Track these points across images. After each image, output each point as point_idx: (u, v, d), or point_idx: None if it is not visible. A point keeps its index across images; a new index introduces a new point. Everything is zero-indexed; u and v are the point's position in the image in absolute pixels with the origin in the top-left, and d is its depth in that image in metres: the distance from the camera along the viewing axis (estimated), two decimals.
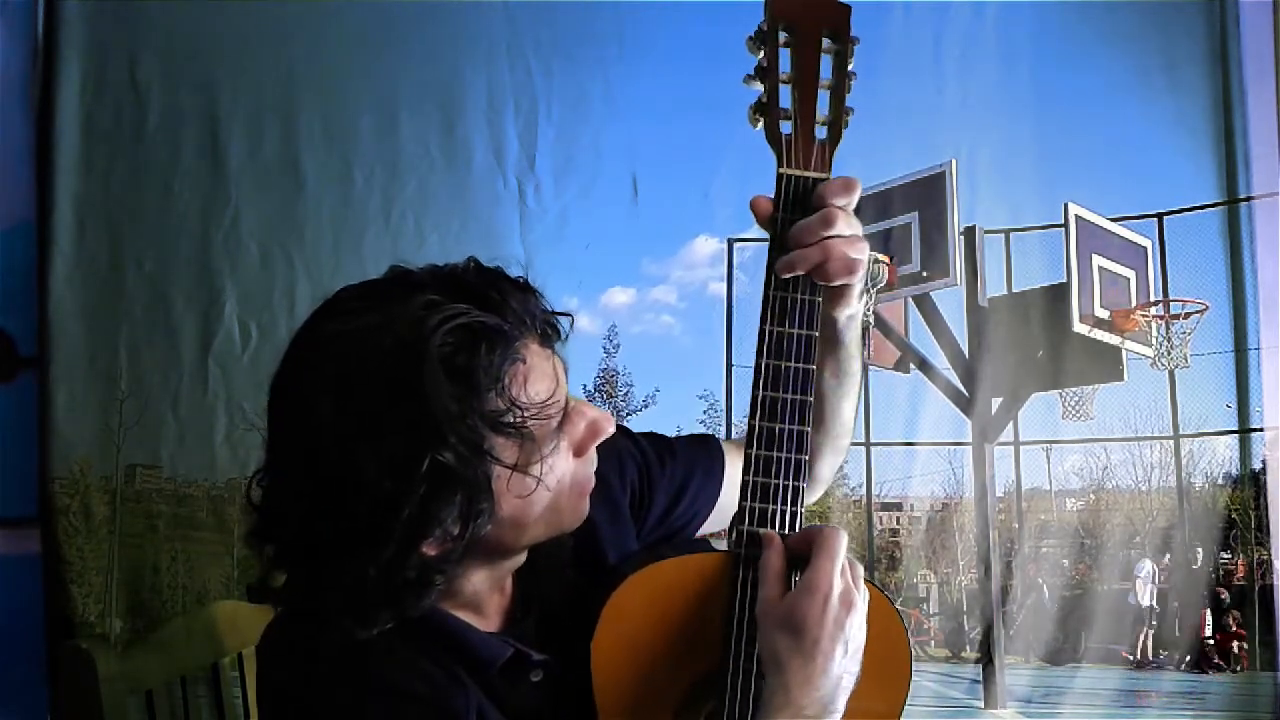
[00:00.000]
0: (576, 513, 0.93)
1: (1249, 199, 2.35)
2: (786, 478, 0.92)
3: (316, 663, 0.87)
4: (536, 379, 0.85)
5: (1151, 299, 2.51)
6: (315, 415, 0.81)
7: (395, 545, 0.81)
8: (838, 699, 0.87)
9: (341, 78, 2.33)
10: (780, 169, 0.94)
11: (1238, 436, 2.39)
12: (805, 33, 0.96)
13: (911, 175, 2.48)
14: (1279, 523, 2.32)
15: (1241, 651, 2.41)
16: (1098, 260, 2.52)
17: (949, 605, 2.56)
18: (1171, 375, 2.49)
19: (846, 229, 0.91)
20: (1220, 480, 2.44)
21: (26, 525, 2.20)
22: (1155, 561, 2.47)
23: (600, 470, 0.95)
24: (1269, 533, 2.34)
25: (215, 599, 2.08)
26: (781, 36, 0.96)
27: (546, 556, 0.96)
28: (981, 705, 2.40)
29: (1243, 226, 2.36)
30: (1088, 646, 2.43)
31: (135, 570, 2.27)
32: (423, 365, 0.79)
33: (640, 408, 2.43)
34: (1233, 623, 2.42)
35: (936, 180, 2.46)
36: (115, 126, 2.28)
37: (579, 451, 0.91)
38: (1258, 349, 2.34)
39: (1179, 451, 2.46)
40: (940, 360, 2.51)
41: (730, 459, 1.13)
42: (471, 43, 2.35)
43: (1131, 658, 2.45)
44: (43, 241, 2.23)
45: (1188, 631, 2.44)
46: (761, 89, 0.97)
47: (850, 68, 0.97)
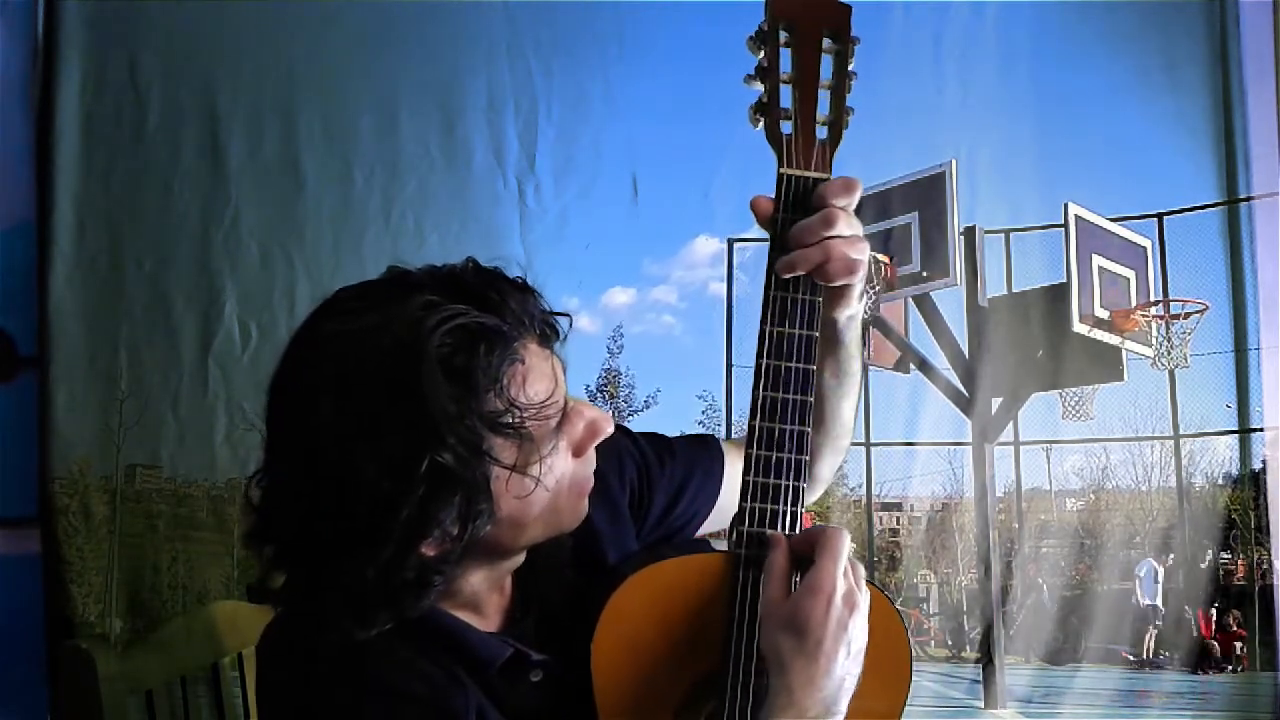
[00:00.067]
0: (575, 513, 0.93)
1: (1249, 199, 2.35)
2: (787, 478, 0.92)
3: (315, 663, 0.87)
4: (535, 379, 0.85)
5: (1151, 299, 2.51)
6: (314, 416, 0.81)
7: (394, 546, 0.81)
8: (840, 700, 0.87)
9: (341, 78, 2.33)
10: (781, 169, 0.94)
11: (1238, 436, 2.39)
12: (806, 33, 0.96)
13: (911, 175, 2.48)
14: (1279, 523, 2.32)
15: (1241, 652, 2.41)
16: (1098, 260, 2.52)
17: (949, 605, 2.56)
18: (1171, 375, 2.49)
19: (847, 229, 0.91)
20: (1220, 480, 2.44)
21: (26, 525, 2.20)
22: (1159, 562, 2.47)
23: (600, 470, 0.94)
24: (1269, 533, 2.34)
25: (215, 599, 2.08)
26: (782, 36, 0.96)
27: (546, 556, 0.96)
28: (981, 705, 2.40)
29: (1243, 226, 2.36)
30: (1088, 646, 2.43)
31: (135, 570, 2.26)
32: (421, 366, 0.79)
33: (641, 408, 2.43)
34: (1233, 623, 2.42)
35: (936, 180, 2.46)
36: (115, 126, 2.28)
37: (578, 452, 0.91)
38: (1258, 349, 2.34)
39: (1179, 451, 2.46)
40: (940, 360, 2.51)
41: (730, 459, 1.13)
42: (471, 43, 2.35)
43: (1132, 658, 2.45)
44: (43, 241, 2.23)
45: (1188, 631, 2.44)
46: (762, 89, 0.97)
47: (851, 67, 0.97)
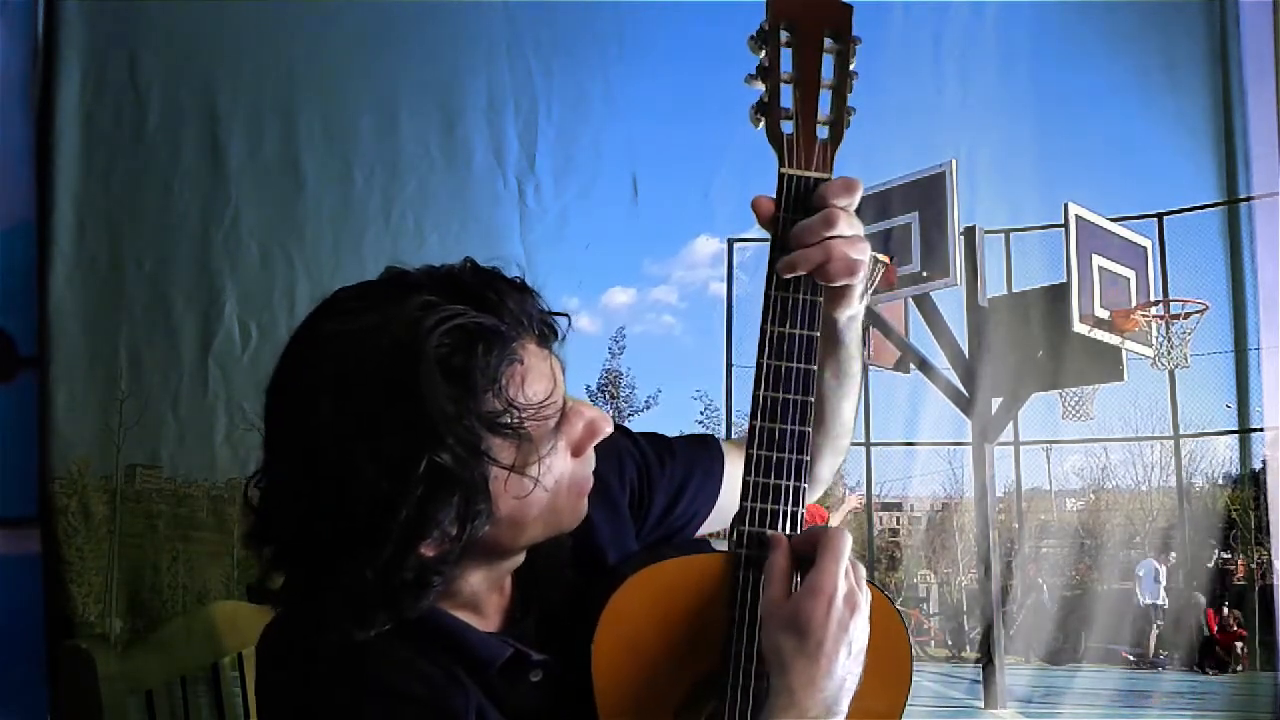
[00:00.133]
0: (575, 513, 0.93)
1: (1249, 199, 2.35)
2: (787, 478, 0.92)
3: (315, 663, 0.87)
4: (534, 379, 0.85)
5: (1151, 299, 2.51)
6: (313, 416, 0.80)
7: (393, 546, 0.81)
8: (841, 700, 0.87)
9: (341, 78, 2.33)
10: (782, 169, 0.94)
11: (1238, 436, 2.39)
12: (807, 32, 0.96)
13: (911, 175, 2.48)
14: (1279, 523, 2.32)
15: (1242, 652, 2.40)
16: (1098, 260, 2.52)
17: (949, 605, 2.56)
18: (1171, 375, 2.49)
19: (848, 229, 0.91)
20: (1220, 480, 2.44)
21: (26, 525, 2.20)
22: (1161, 561, 2.47)
23: (599, 470, 0.94)
24: (1269, 533, 2.34)
25: (215, 599, 2.08)
26: (783, 36, 0.96)
27: (546, 556, 0.96)
28: (981, 705, 2.40)
29: (1243, 226, 2.36)
30: (1088, 646, 2.43)
31: (135, 570, 2.26)
32: (419, 366, 0.79)
33: (642, 408, 2.43)
34: (1233, 622, 2.42)
35: (936, 180, 2.46)
36: (115, 126, 2.28)
37: (577, 452, 0.91)
38: (1258, 349, 2.34)
39: (1179, 451, 2.46)
40: (940, 360, 2.51)
41: (730, 459, 1.13)
42: (471, 43, 2.35)
43: (1133, 658, 2.45)
44: (43, 241, 2.23)
45: (1188, 632, 2.44)
46: (763, 88, 0.96)
47: (852, 67, 0.97)
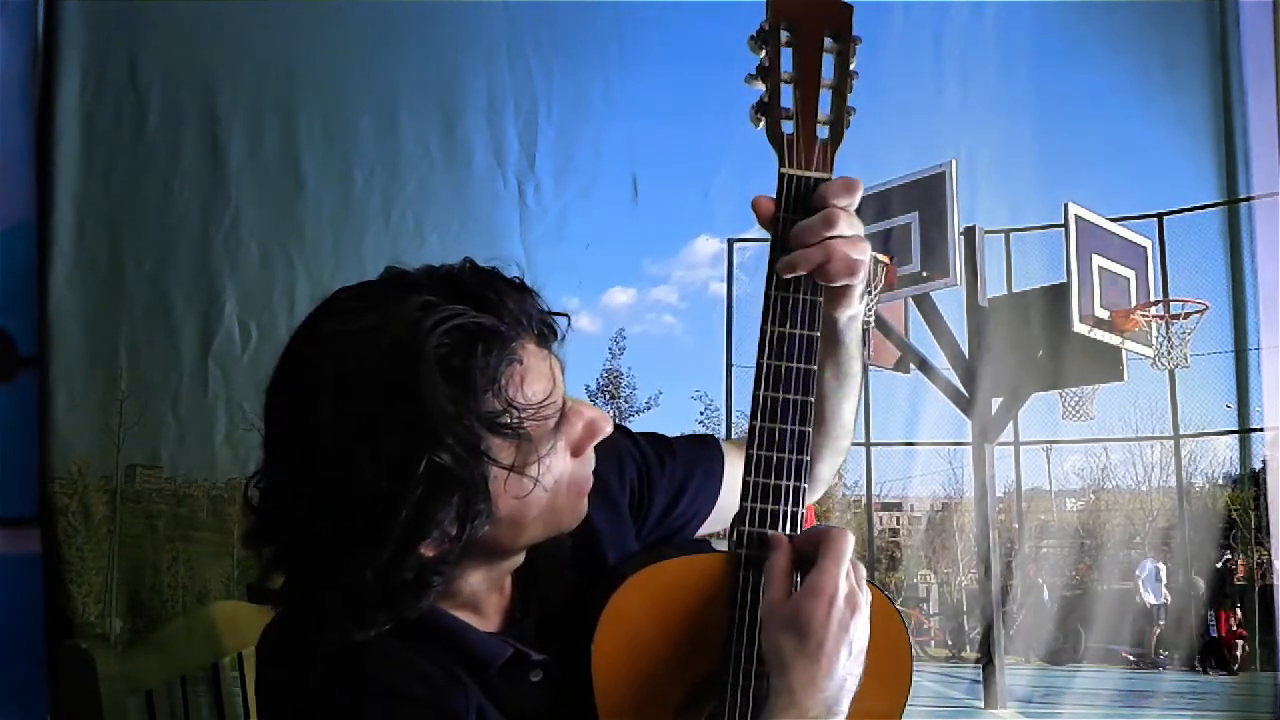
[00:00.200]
0: (575, 513, 0.93)
1: (1249, 199, 2.35)
2: (787, 478, 0.92)
3: (314, 664, 0.87)
4: (533, 379, 0.85)
5: (1151, 299, 2.52)
6: (313, 416, 0.80)
7: (393, 546, 0.81)
8: (841, 701, 0.87)
9: (341, 78, 2.33)
10: (782, 169, 0.94)
11: (1238, 436, 2.39)
12: (807, 32, 0.96)
13: (911, 175, 2.48)
14: (1279, 523, 2.32)
15: (1242, 652, 2.41)
16: (1098, 260, 2.52)
17: (949, 605, 2.56)
18: (1171, 375, 2.49)
19: (848, 229, 0.91)
20: (1220, 480, 2.44)
21: (26, 525, 2.20)
22: (1162, 561, 2.47)
23: (599, 470, 0.94)
24: (1269, 533, 2.34)
25: (215, 599, 2.08)
26: (783, 36, 0.96)
27: (546, 556, 0.95)
28: (981, 705, 2.40)
29: (1243, 226, 2.36)
30: (1088, 646, 2.43)
31: (135, 570, 2.26)
32: (419, 366, 0.79)
33: (644, 408, 2.43)
34: (1233, 623, 2.42)
35: (936, 180, 2.46)
36: (115, 126, 2.28)
37: (576, 452, 0.91)
38: (1258, 349, 2.34)
39: (1179, 451, 2.46)
40: (940, 360, 2.51)
41: (730, 459, 1.13)
42: (471, 43, 2.35)
43: (1133, 658, 2.45)
44: (43, 241, 2.23)
45: (1188, 631, 2.44)
46: (763, 88, 0.96)
47: (852, 67, 0.97)
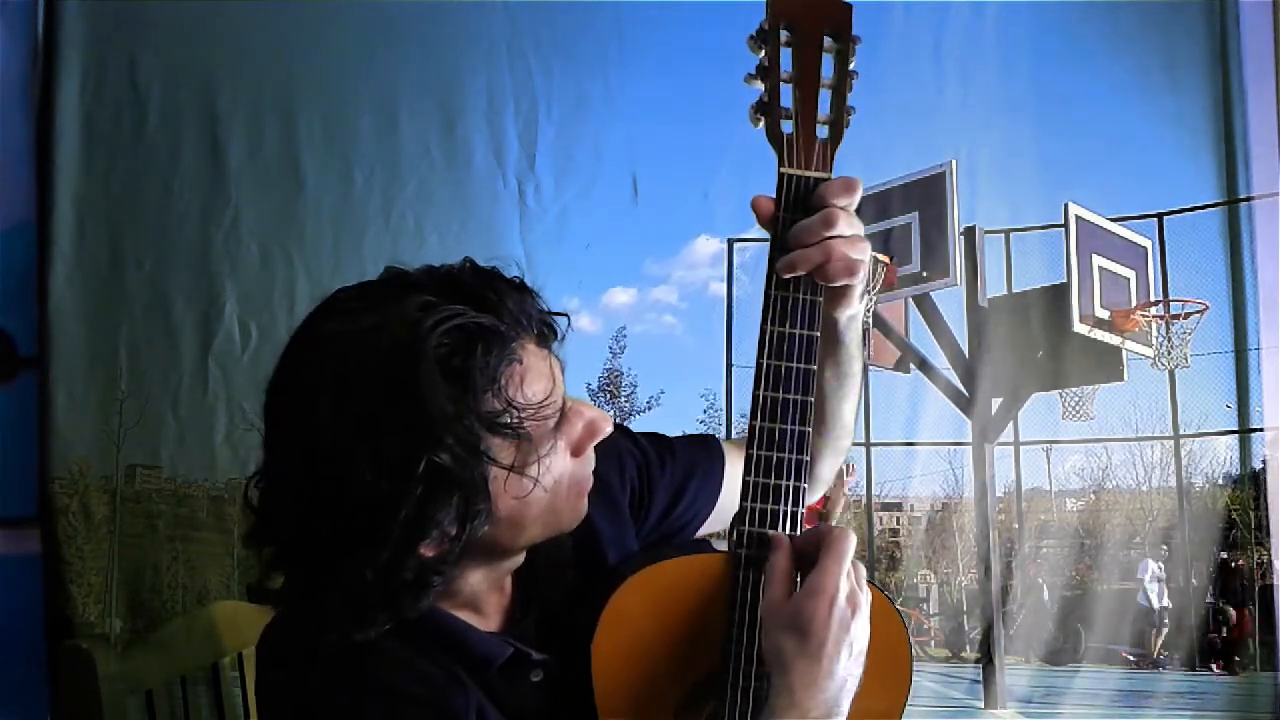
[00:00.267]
0: (575, 513, 0.93)
1: (1249, 199, 2.35)
2: (787, 478, 0.92)
3: (314, 664, 0.87)
4: (533, 379, 0.85)
5: (1151, 299, 2.52)
6: (313, 416, 0.80)
7: (393, 547, 0.81)
8: (842, 701, 0.87)
9: (341, 78, 2.33)
10: (781, 168, 0.94)
11: (1238, 436, 2.39)
12: (807, 32, 0.96)
13: (911, 175, 2.48)
14: (1279, 523, 2.32)
15: (1253, 650, 2.40)
16: (1098, 260, 2.52)
17: (949, 605, 2.56)
18: (1171, 375, 2.49)
19: (848, 229, 0.91)
20: (1220, 480, 2.44)
21: (26, 525, 2.20)
22: (1162, 561, 2.47)
23: (600, 470, 0.94)
24: (1269, 533, 2.34)
25: (215, 599, 2.08)
26: (783, 35, 0.96)
27: (546, 556, 0.95)
28: (981, 705, 2.40)
29: (1243, 226, 2.36)
30: (1088, 646, 2.43)
31: (135, 570, 2.26)
32: (419, 366, 0.79)
33: (644, 408, 2.43)
34: (1247, 621, 2.42)
35: (936, 180, 2.46)
36: (115, 126, 2.28)
37: (576, 451, 0.91)
38: (1258, 349, 2.34)
39: (1179, 451, 2.46)
40: (940, 360, 2.51)
41: (730, 459, 1.13)
42: (471, 43, 2.35)
43: (1133, 658, 2.45)
44: (43, 241, 2.23)
45: (1188, 632, 2.44)
46: (763, 88, 0.96)
47: (852, 67, 0.97)
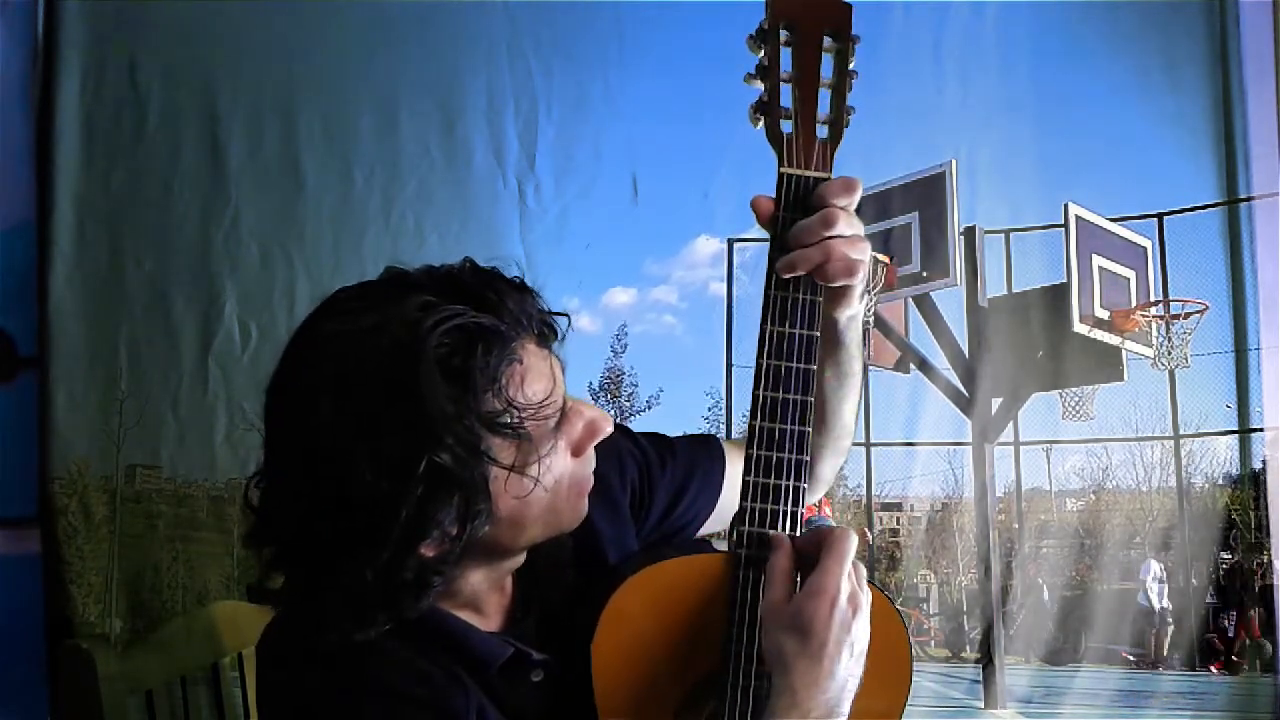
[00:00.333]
0: (575, 513, 0.93)
1: (1249, 199, 2.35)
2: (787, 478, 0.92)
3: (314, 664, 0.87)
4: (533, 379, 0.85)
5: (1151, 299, 2.52)
6: (313, 416, 0.80)
7: (393, 547, 0.81)
8: (843, 701, 0.87)
9: (341, 78, 2.33)
10: (781, 168, 0.94)
11: (1238, 436, 2.39)
12: (806, 32, 0.96)
13: (911, 175, 2.48)
14: (1279, 523, 2.32)
15: (1242, 652, 2.41)
16: (1098, 260, 2.52)
17: (949, 605, 2.56)
18: (1171, 375, 2.50)
19: (848, 229, 0.91)
20: (1220, 480, 2.44)
21: (26, 525, 2.20)
22: (1162, 562, 2.47)
23: (600, 470, 0.94)
24: (1269, 533, 2.34)
25: (215, 599, 2.08)
26: (783, 35, 0.96)
27: (546, 556, 0.95)
28: (981, 705, 2.40)
29: (1243, 226, 2.36)
30: (1088, 646, 2.43)
31: (135, 570, 2.26)
32: (419, 366, 0.79)
33: (644, 408, 2.43)
34: (1229, 623, 2.42)
35: (936, 180, 2.47)
36: (115, 126, 2.28)
37: (577, 451, 0.91)
38: (1258, 349, 2.34)
39: (1179, 451, 2.46)
40: (940, 360, 2.51)
41: (731, 459, 1.13)
42: (471, 43, 2.35)
43: (1133, 658, 2.45)
44: (43, 241, 2.23)
45: (1188, 632, 2.44)
46: (762, 88, 0.96)
47: (851, 66, 0.97)
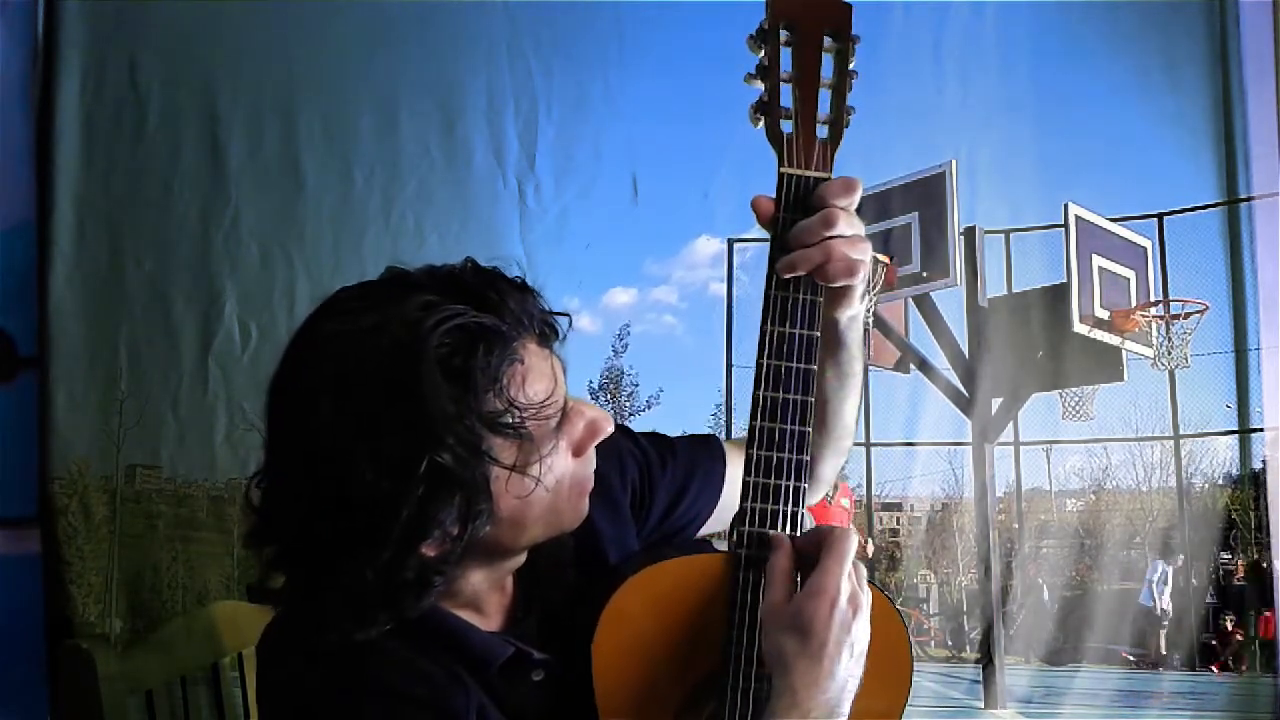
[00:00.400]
0: (576, 513, 0.93)
1: (1249, 199, 2.35)
2: (788, 478, 0.92)
3: (315, 664, 0.87)
4: (534, 379, 0.85)
5: (1151, 299, 2.52)
6: (314, 416, 0.80)
7: (394, 546, 0.81)
8: (843, 702, 0.87)
9: (341, 78, 2.33)
10: (781, 168, 0.94)
11: (1238, 437, 2.39)
12: (807, 31, 0.96)
13: (911, 175, 2.48)
14: (1279, 523, 2.32)
15: (1242, 652, 2.41)
16: (1098, 260, 2.52)
17: (949, 605, 2.56)
18: (1171, 375, 2.50)
19: (848, 229, 0.91)
20: (1220, 480, 2.44)
21: (26, 525, 2.20)
22: (1169, 563, 2.47)
23: (601, 470, 0.94)
24: (1269, 533, 2.34)
25: (215, 599, 2.08)
26: (783, 35, 0.96)
27: (547, 556, 0.95)
28: (981, 705, 2.40)
29: (1243, 226, 2.36)
30: (1088, 646, 2.43)
31: (135, 570, 2.27)
32: (420, 366, 0.79)
33: (644, 408, 2.43)
34: (1228, 624, 2.43)
35: (936, 180, 2.47)
36: (115, 126, 2.28)
37: (578, 451, 0.91)
38: (1258, 349, 2.34)
39: (1179, 452, 2.46)
40: (940, 360, 2.51)
41: (731, 459, 1.13)
42: (471, 43, 2.35)
43: (1133, 658, 2.45)
44: (43, 241, 2.23)
45: (1188, 632, 2.44)
46: (763, 88, 0.96)
47: (851, 66, 0.97)
